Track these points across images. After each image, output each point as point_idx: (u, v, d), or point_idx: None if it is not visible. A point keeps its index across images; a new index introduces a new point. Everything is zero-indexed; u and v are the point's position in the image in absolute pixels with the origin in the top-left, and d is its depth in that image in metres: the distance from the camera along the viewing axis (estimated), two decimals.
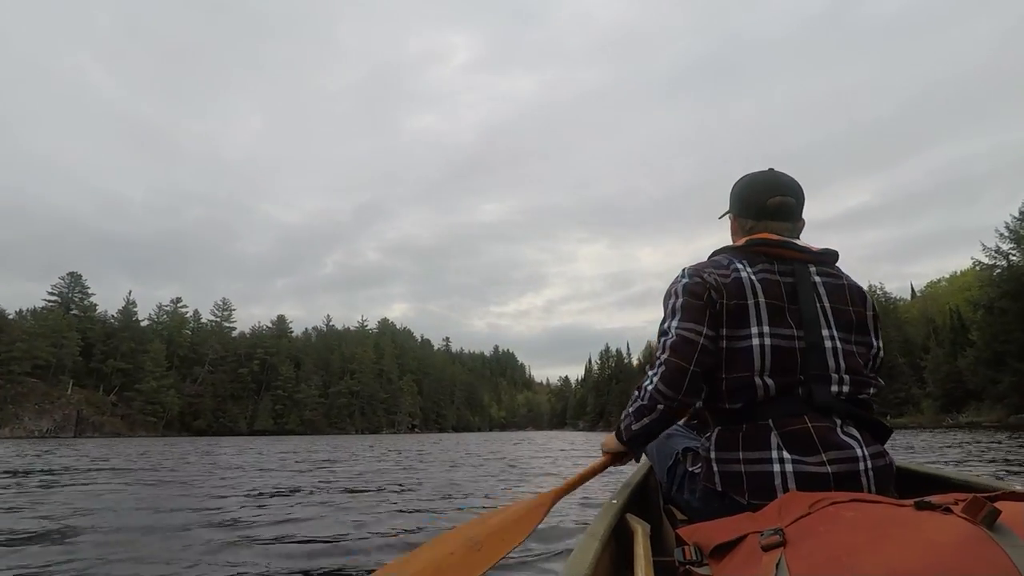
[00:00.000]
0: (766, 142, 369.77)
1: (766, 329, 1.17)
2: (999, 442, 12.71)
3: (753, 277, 1.21)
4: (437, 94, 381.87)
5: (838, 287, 1.25)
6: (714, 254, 1.35)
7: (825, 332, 1.18)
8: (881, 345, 1.28)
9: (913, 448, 11.11)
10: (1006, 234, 38.02)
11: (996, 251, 38.53)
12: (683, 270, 1.29)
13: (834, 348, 1.17)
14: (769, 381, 1.15)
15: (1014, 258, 37.48)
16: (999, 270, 38.29)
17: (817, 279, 1.23)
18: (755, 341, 1.17)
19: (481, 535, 1.20)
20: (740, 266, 1.23)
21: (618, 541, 1.24)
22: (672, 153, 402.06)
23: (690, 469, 1.33)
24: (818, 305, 1.20)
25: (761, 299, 1.19)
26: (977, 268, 42.04)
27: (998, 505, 0.66)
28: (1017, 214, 37.80)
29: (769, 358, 1.15)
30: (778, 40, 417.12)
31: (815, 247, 1.29)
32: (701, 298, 1.21)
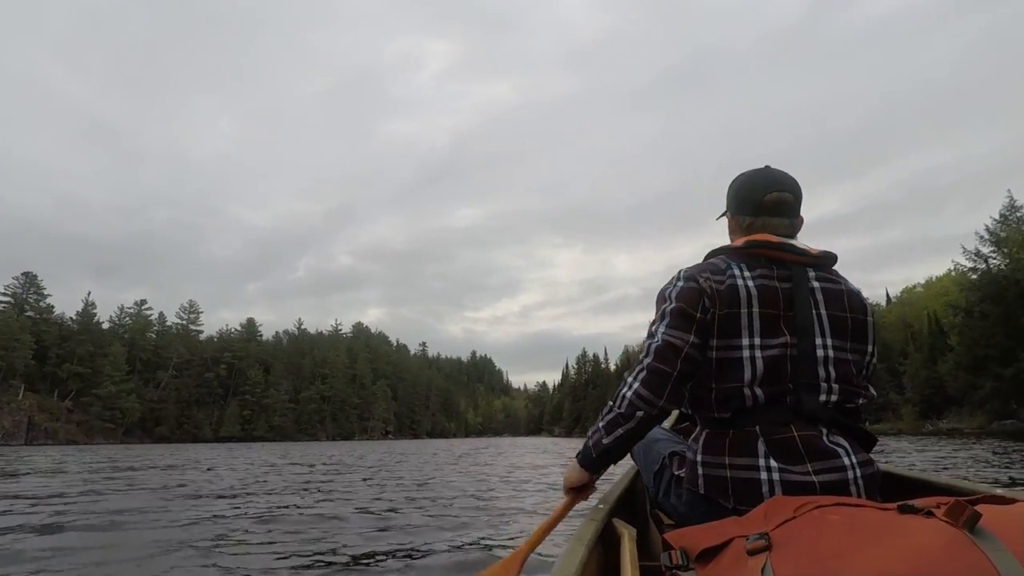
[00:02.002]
0: (737, 149, 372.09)
1: (757, 341, 1.15)
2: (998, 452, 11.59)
3: (750, 283, 1.18)
4: (412, 100, 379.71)
5: (836, 292, 1.21)
6: (711, 254, 1.30)
7: (819, 340, 1.16)
8: (875, 351, 1.25)
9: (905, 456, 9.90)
10: (986, 237, 37.90)
11: (976, 254, 38.34)
12: (679, 272, 1.26)
13: (826, 356, 1.15)
14: (759, 391, 1.14)
15: (994, 262, 37.34)
16: (979, 273, 38.08)
17: (816, 284, 1.20)
18: (746, 353, 1.15)
19: None
20: (737, 272, 1.20)
21: (605, 546, 1.24)
22: (645, 160, 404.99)
23: (676, 473, 1.29)
24: (814, 312, 1.18)
25: (755, 308, 1.16)
26: (954, 273, 41.85)
27: (979, 508, 0.67)
28: (998, 216, 37.72)
29: (761, 370, 1.14)
30: (747, 52, 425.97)
31: (814, 249, 1.25)
32: (694, 305, 1.17)
